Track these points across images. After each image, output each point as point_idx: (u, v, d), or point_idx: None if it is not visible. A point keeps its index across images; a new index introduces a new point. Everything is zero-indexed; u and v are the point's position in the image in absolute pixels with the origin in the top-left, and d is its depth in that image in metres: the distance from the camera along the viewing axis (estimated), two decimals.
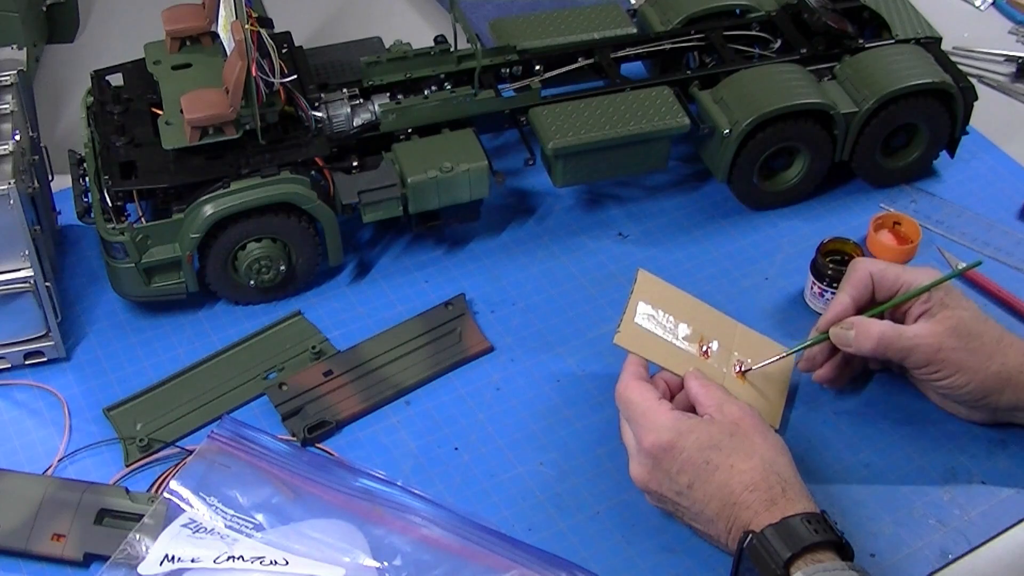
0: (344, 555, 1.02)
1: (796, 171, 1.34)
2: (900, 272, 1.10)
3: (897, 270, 1.10)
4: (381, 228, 1.33)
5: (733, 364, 1.12)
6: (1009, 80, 1.54)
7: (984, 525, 1.07)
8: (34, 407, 1.16)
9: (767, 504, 0.96)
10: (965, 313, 1.07)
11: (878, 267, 1.11)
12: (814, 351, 1.13)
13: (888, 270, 1.10)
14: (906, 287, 1.09)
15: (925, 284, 1.08)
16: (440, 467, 1.11)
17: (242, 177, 1.18)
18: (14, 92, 1.20)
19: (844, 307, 1.10)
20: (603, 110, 1.28)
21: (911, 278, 1.09)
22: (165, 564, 1.00)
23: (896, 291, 1.10)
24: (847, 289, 1.11)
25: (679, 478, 1.00)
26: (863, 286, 1.11)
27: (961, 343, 1.06)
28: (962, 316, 1.07)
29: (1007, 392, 1.07)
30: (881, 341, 1.07)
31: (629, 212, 1.36)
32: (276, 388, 1.15)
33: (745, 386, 1.11)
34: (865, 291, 1.11)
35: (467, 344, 1.21)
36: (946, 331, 1.06)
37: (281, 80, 1.19)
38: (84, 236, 1.30)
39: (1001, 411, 1.10)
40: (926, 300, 1.08)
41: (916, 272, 1.10)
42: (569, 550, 1.05)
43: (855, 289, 1.11)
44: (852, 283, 1.11)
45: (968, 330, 1.07)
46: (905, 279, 1.10)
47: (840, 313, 1.10)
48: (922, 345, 1.06)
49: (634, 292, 1.11)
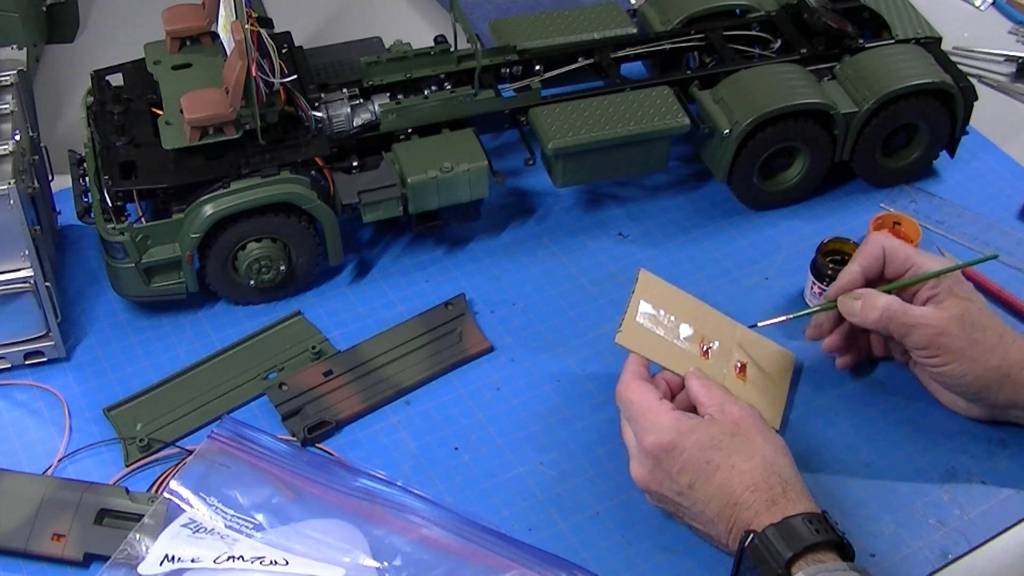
0: (344, 555, 1.02)
1: (796, 171, 1.34)
2: (912, 253, 1.10)
3: (909, 250, 1.11)
4: (381, 228, 1.34)
5: (734, 365, 1.12)
6: (1009, 80, 1.54)
7: (984, 525, 1.07)
8: (34, 407, 1.16)
9: (768, 504, 0.96)
10: (972, 305, 1.08)
11: (892, 243, 1.11)
12: (820, 318, 1.13)
13: (901, 248, 1.11)
14: (916, 269, 1.10)
15: (936, 270, 1.09)
16: (440, 467, 1.11)
17: (242, 177, 1.18)
18: (14, 92, 1.20)
19: (853, 276, 1.11)
20: (603, 110, 1.28)
21: (922, 261, 1.10)
22: (165, 564, 1.00)
23: (906, 271, 1.10)
24: (858, 259, 1.11)
25: (680, 478, 1.00)
26: (874, 259, 1.11)
27: (964, 332, 1.06)
28: (968, 307, 1.07)
29: (1005, 388, 1.07)
30: (886, 313, 1.07)
31: (629, 212, 1.36)
32: (276, 388, 1.15)
33: (746, 387, 1.11)
34: (876, 264, 1.11)
35: (467, 344, 1.21)
36: (951, 318, 1.06)
37: (281, 80, 1.19)
38: (84, 236, 1.30)
39: (998, 408, 1.10)
40: (934, 285, 1.08)
41: (928, 257, 1.10)
42: (569, 550, 1.05)
43: (866, 260, 1.11)
44: (864, 255, 1.11)
45: (973, 321, 1.07)
46: (916, 261, 1.10)
47: (849, 283, 1.11)
48: (925, 325, 1.06)
49: (635, 292, 1.11)
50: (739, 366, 1.12)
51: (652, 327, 1.09)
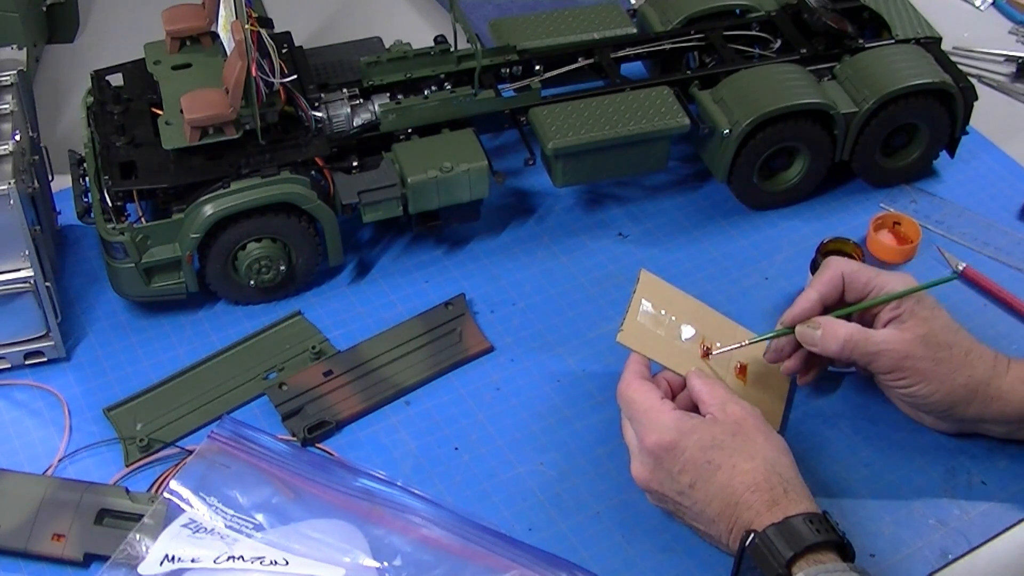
0: (344, 555, 1.02)
1: (796, 171, 1.34)
2: (873, 276, 1.08)
3: (870, 273, 1.08)
4: (381, 228, 1.34)
5: (734, 366, 1.12)
6: (1009, 80, 1.54)
7: (984, 525, 1.07)
8: (34, 407, 1.16)
9: (769, 504, 0.96)
10: (936, 323, 1.06)
11: (851, 268, 1.09)
12: (781, 343, 1.10)
13: (861, 272, 1.08)
14: (877, 291, 1.07)
15: (897, 292, 1.06)
16: (440, 467, 1.11)
17: (242, 177, 1.18)
18: (14, 92, 1.20)
19: (810, 304, 1.08)
20: (603, 110, 1.28)
21: (883, 282, 1.07)
22: (165, 564, 1.00)
23: (867, 294, 1.08)
24: (816, 286, 1.09)
25: (681, 478, 0.99)
26: (833, 285, 1.08)
27: (929, 352, 1.05)
28: (932, 326, 1.05)
29: (974, 404, 1.06)
30: (847, 344, 1.05)
31: (629, 212, 1.36)
32: (276, 388, 1.15)
33: (746, 387, 1.11)
34: (835, 291, 1.08)
35: (467, 344, 1.21)
36: (914, 339, 1.05)
37: (281, 80, 1.19)
38: (84, 236, 1.30)
39: (967, 422, 1.09)
40: (896, 306, 1.06)
41: (889, 277, 1.08)
42: (569, 550, 1.05)
43: (824, 287, 1.08)
44: (822, 281, 1.09)
45: (937, 340, 1.05)
46: (877, 283, 1.07)
47: (806, 310, 1.08)
48: (889, 351, 1.05)
49: (637, 291, 1.11)
50: (739, 367, 1.12)
51: (653, 327, 1.09)
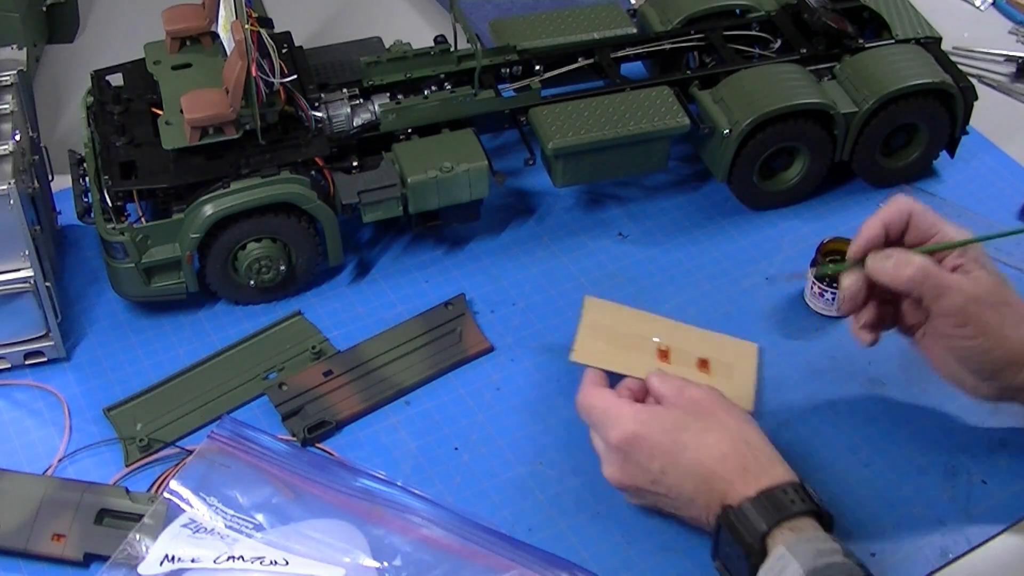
0: (344, 555, 1.02)
1: (796, 171, 1.34)
2: (937, 220, 1.04)
3: (935, 217, 1.05)
4: (381, 228, 1.34)
5: (694, 362, 1.12)
6: (1009, 80, 1.54)
7: (984, 525, 1.07)
8: (34, 407, 1.16)
9: (740, 471, 0.95)
10: (999, 279, 1.03)
11: (918, 207, 1.05)
12: (855, 288, 1.04)
13: (927, 213, 1.05)
14: (941, 237, 1.04)
15: (971, 238, 1.03)
16: (440, 467, 1.11)
17: (242, 177, 1.18)
18: (14, 92, 1.20)
19: (875, 232, 1.04)
20: (603, 110, 1.28)
21: (948, 229, 1.04)
22: (165, 564, 1.00)
23: (930, 238, 1.04)
24: (881, 215, 1.04)
25: (651, 465, 0.99)
26: (899, 218, 1.04)
27: (996, 303, 1.02)
28: (996, 280, 1.03)
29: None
30: (920, 271, 1.01)
31: (629, 212, 1.36)
32: (276, 388, 1.15)
33: (710, 377, 1.12)
34: (900, 224, 1.04)
35: (467, 344, 1.21)
36: (984, 287, 1.02)
37: (281, 80, 1.19)
38: (84, 236, 1.30)
39: (1011, 389, 1.05)
40: (960, 254, 1.03)
41: (953, 227, 1.04)
42: (569, 550, 1.05)
43: (890, 217, 1.04)
44: (889, 211, 1.04)
45: (1001, 295, 1.02)
46: (942, 229, 1.04)
47: (871, 238, 1.04)
48: (960, 290, 1.01)
49: (583, 315, 1.14)
50: (699, 362, 1.13)
51: (605, 342, 1.10)
